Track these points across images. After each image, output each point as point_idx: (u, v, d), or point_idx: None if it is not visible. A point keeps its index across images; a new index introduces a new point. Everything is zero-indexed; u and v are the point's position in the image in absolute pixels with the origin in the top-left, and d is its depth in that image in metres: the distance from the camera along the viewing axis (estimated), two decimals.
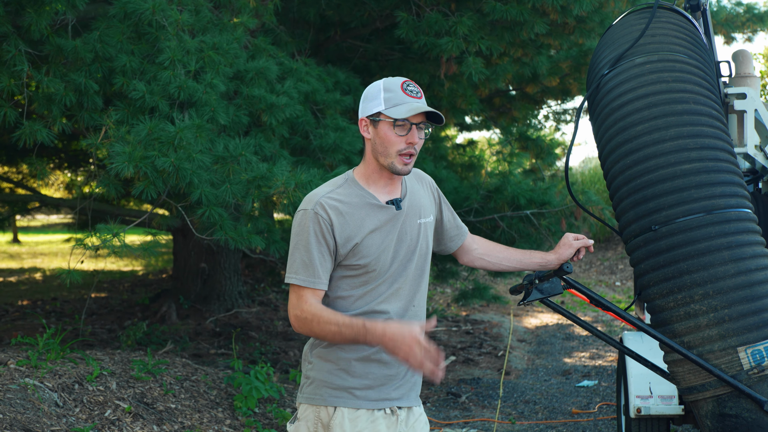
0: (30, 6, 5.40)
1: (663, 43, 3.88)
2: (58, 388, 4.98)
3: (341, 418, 2.83)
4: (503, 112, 11.42)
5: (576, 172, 21.68)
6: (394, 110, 2.78)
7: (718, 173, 3.56)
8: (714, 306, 3.43)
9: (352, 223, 2.81)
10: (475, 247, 3.27)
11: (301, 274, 2.79)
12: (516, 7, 6.94)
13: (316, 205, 2.80)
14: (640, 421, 5.07)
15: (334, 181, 2.93)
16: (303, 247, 2.79)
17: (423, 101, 2.82)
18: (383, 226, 2.85)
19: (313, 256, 2.78)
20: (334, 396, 2.85)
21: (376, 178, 2.88)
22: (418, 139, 2.81)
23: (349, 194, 2.85)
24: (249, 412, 5.90)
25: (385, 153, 2.81)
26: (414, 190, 2.99)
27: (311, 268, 2.78)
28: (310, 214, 2.80)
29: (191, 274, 10.33)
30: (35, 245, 23.40)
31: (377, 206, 2.86)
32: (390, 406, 2.89)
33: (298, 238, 2.81)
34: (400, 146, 2.80)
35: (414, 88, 2.83)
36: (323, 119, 6.70)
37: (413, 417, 2.98)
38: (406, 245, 2.90)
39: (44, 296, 12.74)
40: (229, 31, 6.17)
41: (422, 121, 2.81)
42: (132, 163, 4.99)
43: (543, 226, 8.16)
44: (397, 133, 2.79)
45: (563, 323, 11.61)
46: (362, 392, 2.85)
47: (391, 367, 2.87)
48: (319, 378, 2.87)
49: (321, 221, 2.78)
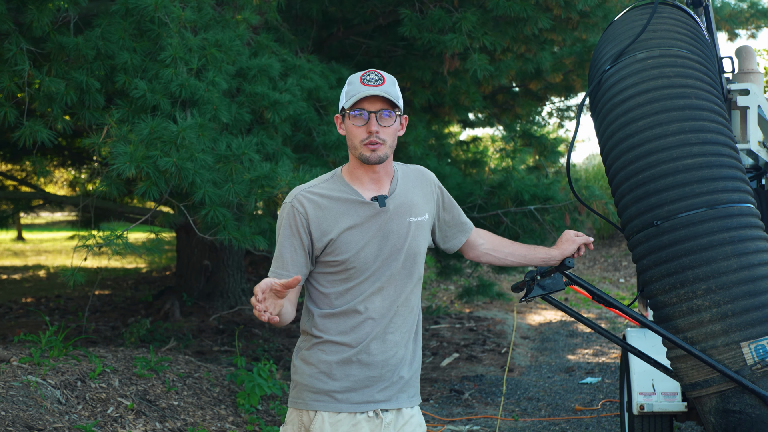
0: (32, 3, 5.39)
1: (665, 39, 3.87)
2: (60, 386, 4.99)
3: (321, 422, 2.80)
4: (506, 108, 11.41)
5: (580, 168, 21.64)
6: (348, 102, 2.78)
7: (720, 168, 3.55)
8: (717, 301, 3.42)
9: (330, 218, 2.80)
10: (482, 242, 3.21)
11: (273, 265, 2.84)
12: (519, 2, 6.93)
13: (294, 199, 2.82)
14: (643, 418, 5.06)
15: (322, 177, 2.93)
16: (279, 240, 2.84)
17: (378, 88, 2.76)
18: (364, 223, 2.82)
19: (284, 248, 2.81)
20: (315, 400, 2.82)
21: (360, 174, 2.86)
22: (380, 126, 2.76)
23: (332, 189, 2.84)
24: (252, 410, 5.90)
25: (352, 145, 2.81)
26: (406, 188, 2.93)
27: (280, 260, 2.82)
28: (288, 207, 2.83)
29: (195, 271, 10.34)
30: (39, 243, 23.43)
31: (359, 202, 2.83)
32: (374, 408, 2.84)
33: (278, 231, 2.86)
34: (362, 136, 2.77)
35: (373, 76, 2.79)
36: (326, 116, 6.69)
37: (402, 419, 2.90)
38: (392, 243, 2.84)
39: (48, 293, 12.75)
40: (231, 28, 6.16)
41: (382, 109, 2.77)
42: (134, 164, 4.98)
43: (547, 221, 8.15)
44: (355, 124, 2.78)
45: (567, 320, 11.60)
46: (343, 395, 2.82)
47: (374, 368, 2.83)
48: (302, 382, 2.86)
49: (297, 215, 2.80)
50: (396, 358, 2.87)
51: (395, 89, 2.82)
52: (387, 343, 2.85)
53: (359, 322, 2.82)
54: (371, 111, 2.76)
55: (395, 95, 2.80)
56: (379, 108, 2.77)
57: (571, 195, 8.08)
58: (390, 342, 2.85)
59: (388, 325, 2.85)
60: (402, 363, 2.89)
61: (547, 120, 15.11)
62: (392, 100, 2.77)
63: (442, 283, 14.35)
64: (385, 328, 2.84)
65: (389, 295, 2.85)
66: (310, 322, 2.88)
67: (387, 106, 2.78)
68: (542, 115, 14.59)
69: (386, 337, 2.84)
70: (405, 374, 2.90)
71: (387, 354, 2.84)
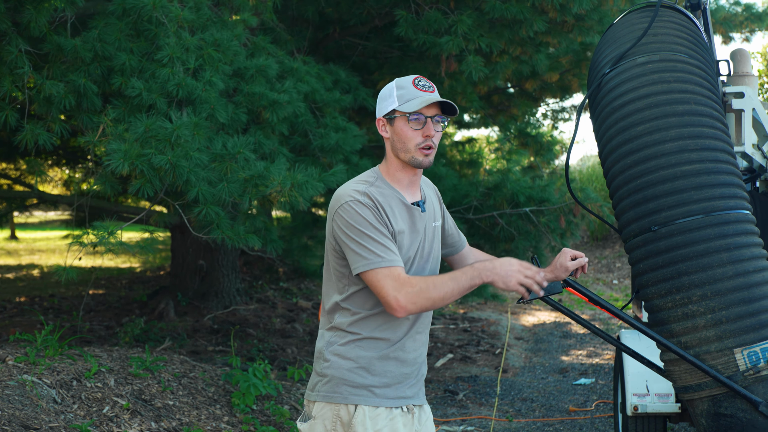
0: (29, 3, 5.39)
1: (665, 43, 3.88)
2: (56, 385, 4.99)
3: (362, 416, 2.83)
4: (502, 109, 11.43)
5: (574, 169, 21.70)
6: (407, 105, 2.83)
7: (718, 175, 3.57)
8: (712, 307, 3.44)
9: (389, 219, 2.83)
10: (471, 257, 3.29)
11: (380, 257, 2.75)
12: (515, 5, 6.95)
13: (363, 195, 2.80)
14: (636, 419, 5.09)
15: (363, 176, 2.93)
16: (366, 233, 2.76)
17: (436, 94, 2.87)
18: (411, 227, 2.90)
19: (380, 235, 2.76)
20: (355, 394, 2.85)
21: (401, 177, 2.91)
22: (435, 131, 2.85)
23: (383, 193, 2.87)
24: (247, 409, 5.91)
25: (404, 149, 2.85)
26: (428, 193, 3.05)
27: (384, 247, 2.75)
28: (357, 203, 2.78)
29: (189, 271, 10.33)
30: (33, 242, 23.38)
31: (406, 206, 2.90)
32: (406, 404, 2.93)
33: (356, 227, 2.76)
34: (418, 140, 2.83)
35: (426, 83, 2.88)
36: (322, 118, 6.70)
37: (425, 415, 3.03)
38: (425, 247, 2.94)
39: (42, 293, 12.73)
40: (229, 28, 6.17)
41: (437, 114, 2.86)
42: (128, 161, 4.97)
43: (542, 223, 8.17)
44: (413, 128, 2.83)
45: (561, 321, 11.63)
46: (381, 390, 2.87)
47: (408, 365, 2.91)
48: (338, 376, 2.87)
49: (370, 208, 2.78)
50: (422, 356, 2.99)
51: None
52: (417, 342, 2.95)
53: (399, 322, 2.89)
54: (429, 116, 2.84)
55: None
56: (434, 113, 2.86)
57: (566, 197, 8.11)
58: (419, 341, 2.97)
59: (418, 324, 2.95)
60: (424, 361, 3.02)
61: (542, 121, 15.15)
62: (452, 106, 2.86)
63: None
64: (416, 327, 2.94)
65: None
66: (347, 319, 2.89)
67: (440, 112, 2.87)
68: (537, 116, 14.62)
69: (416, 336, 2.95)
70: (424, 372, 3.03)
71: (417, 352, 2.96)
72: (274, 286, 12.74)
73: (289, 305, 11.31)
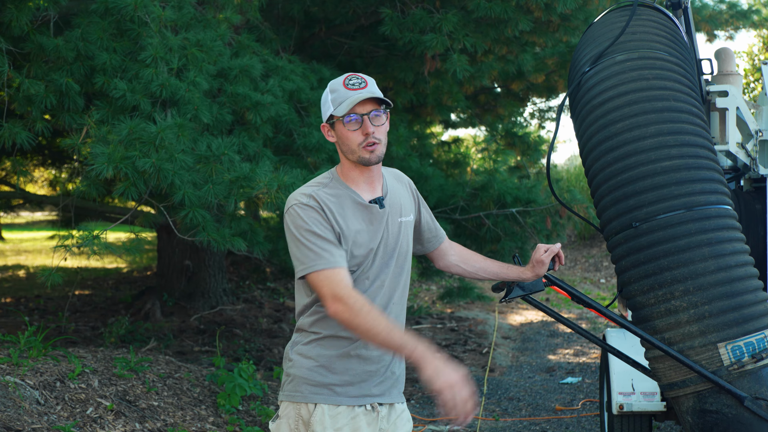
0: (10, 2, 5.35)
1: (643, 41, 3.90)
2: (39, 386, 4.96)
3: (321, 415, 2.83)
4: (488, 109, 11.44)
5: (561, 169, 21.71)
6: (340, 108, 2.80)
7: (698, 170, 3.58)
8: (694, 302, 3.45)
9: (341, 220, 2.82)
10: (452, 253, 3.29)
11: (319, 259, 2.74)
12: (500, 4, 6.95)
13: (309, 197, 2.80)
14: (622, 418, 5.09)
15: (318, 179, 2.93)
16: (306, 237, 2.76)
17: (365, 90, 2.81)
18: (369, 225, 2.87)
19: (319, 238, 2.75)
20: (314, 393, 2.85)
21: (355, 176, 2.89)
22: (375, 126, 2.81)
23: (337, 193, 2.86)
24: (232, 410, 5.89)
25: (350, 150, 2.83)
26: (394, 188, 3.01)
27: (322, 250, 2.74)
28: (302, 206, 2.79)
29: (176, 271, 10.29)
30: (19, 242, 23.26)
31: (362, 205, 2.88)
32: (371, 402, 2.90)
33: (297, 231, 2.78)
34: (359, 139, 2.81)
35: (356, 80, 2.83)
36: (307, 117, 6.68)
37: (395, 413, 2.99)
38: (388, 244, 2.91)
39: (28, 293, 12.66)
40: (212, 27, 6.14)
41: (372, 110, 2.81)
42: (112, 164, 4.95)
43: (528, 224, 8.18)
44: (351, 129, 2.81)
45: (548, 320, 11.64)
46: (342, 388, 2.86)
47: (372, 363, 2.89)
48: (300, 375, 2.88)
49: (316, 210, 2.78)
50: (390, 355, 2.93)
51: (377, 88, 2.88)
52: None
53: None
54: (363, 114, 2.81)
55: (381, 93, 2.86)
56: (369, 109, 2.82)
57: (552, 198, 8.11)
58: None
59: None
60: (394, 360, 2.96)
61: (529, 121, 15.18)
62: (381, 98, 2.83)
63: (424, 283, 14.37)
64: None
65: (385, 293, 2.91)
66: (309, 320, 2.89)
67: (376, 106, 2.83)
68: (524, 116, 14.65)
69: None
70: (396, 370, 2.98)
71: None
72: (261, 286, 12.71)
73: (276, 305, 11.29)
